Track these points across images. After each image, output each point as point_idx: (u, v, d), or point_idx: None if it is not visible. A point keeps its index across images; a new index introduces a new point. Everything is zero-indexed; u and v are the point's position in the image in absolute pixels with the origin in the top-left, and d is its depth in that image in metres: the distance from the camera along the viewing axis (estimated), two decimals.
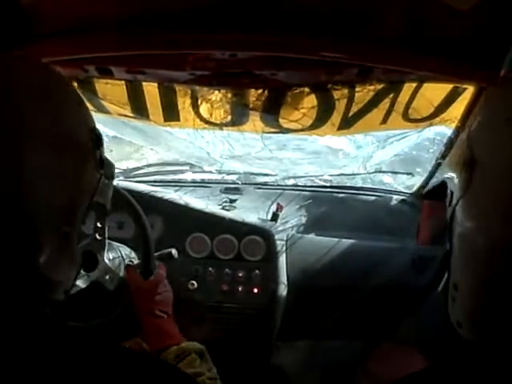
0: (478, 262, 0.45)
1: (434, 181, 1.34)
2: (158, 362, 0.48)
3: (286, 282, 1.29)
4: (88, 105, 1.09)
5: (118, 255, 1.12)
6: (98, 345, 0.48)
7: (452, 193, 0.49)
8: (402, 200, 1.53)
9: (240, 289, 1.27)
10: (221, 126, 1.15)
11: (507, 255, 0.41)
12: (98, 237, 1.12)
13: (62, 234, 0.50)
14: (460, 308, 0.48)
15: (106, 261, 1.09)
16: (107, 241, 1.15)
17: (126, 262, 1.12)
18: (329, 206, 1.52)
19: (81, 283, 1.06)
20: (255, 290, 1.27)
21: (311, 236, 1.41)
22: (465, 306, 0.47)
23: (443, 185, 0.54)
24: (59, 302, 0.54)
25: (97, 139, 0.55)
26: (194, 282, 1.27)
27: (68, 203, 0.50)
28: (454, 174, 0.49)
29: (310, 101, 1.02)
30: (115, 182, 1.38)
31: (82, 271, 1.07)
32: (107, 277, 1.08)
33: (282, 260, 1.29)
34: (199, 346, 0.90)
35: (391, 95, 1.01)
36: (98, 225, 1.13)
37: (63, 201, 0.49)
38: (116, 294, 1.07)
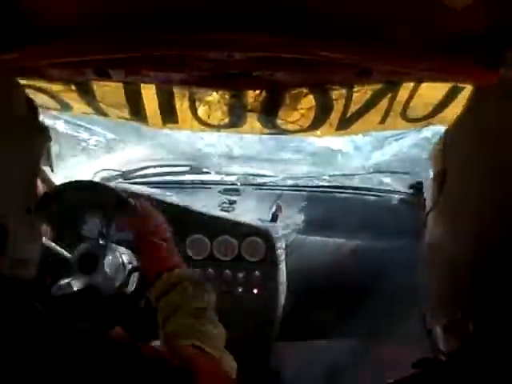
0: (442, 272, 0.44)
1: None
2: (137, 351, 0.49)
3: (285, 283, 1.29)
4: (87, 108, 1.10)
5: (117, 259, 1.12)
6: (83, 335, 0.48)
7: (425, 199, 0.48)
8: (402, 200, 1.53)
9: (240, 290, 1.27)
10: (219, 127, 1.15)
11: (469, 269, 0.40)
12: (101, 241, 1.12)
13: (26, 208, 0.52)
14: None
15: (106, 266, 1.09)
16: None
17: (126, 266, 1.12)
18: (328, 207, 1.52)
19: (77, 285, 1.06)
20: (255, 291, 1.27)
21: (311, 236, 1.41)
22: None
23: None
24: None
25: (34, 108, 0.56)
26: None
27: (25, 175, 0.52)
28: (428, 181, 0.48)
29: (308, 101, 1.02)
30: (115, 184, 1.38)
31: (80, 273, 1.07)
32: (105, 282, 1.08)
33: (282, 261, 1.29)
34: (191, 273, 0.92)
35: (389, 95, 1.01)
36: (103, 230, 1.13)
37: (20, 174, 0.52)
38: (112, 300, 1.07)
